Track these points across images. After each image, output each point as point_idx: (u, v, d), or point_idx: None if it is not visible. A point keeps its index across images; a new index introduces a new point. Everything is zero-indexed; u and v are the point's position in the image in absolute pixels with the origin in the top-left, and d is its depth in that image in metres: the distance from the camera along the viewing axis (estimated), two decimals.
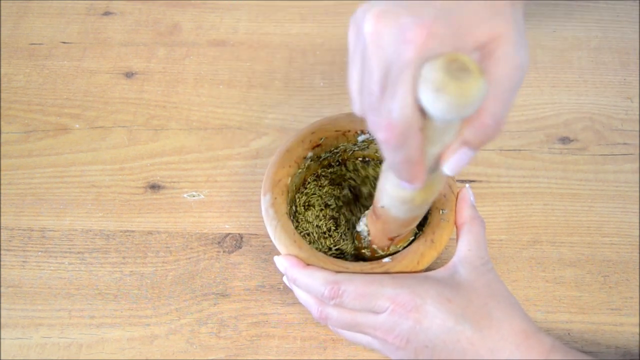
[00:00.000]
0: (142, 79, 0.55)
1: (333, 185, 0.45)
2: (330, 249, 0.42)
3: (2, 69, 0.56)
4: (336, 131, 0.41)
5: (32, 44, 0.58)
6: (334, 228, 0.43)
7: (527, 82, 0.54)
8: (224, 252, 0.45)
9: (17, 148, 0.51)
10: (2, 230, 0.47)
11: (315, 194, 0.44)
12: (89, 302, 0.43)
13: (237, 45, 0.58)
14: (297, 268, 0.35)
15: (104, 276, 0.45)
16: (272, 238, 0.37)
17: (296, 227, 0.42)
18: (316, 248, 0.40)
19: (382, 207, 0.33)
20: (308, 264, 0.36)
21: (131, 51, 0.57)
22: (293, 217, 0.42)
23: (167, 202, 0.48)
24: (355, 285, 0.33)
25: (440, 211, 0.37)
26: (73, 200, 0.48)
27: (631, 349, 0.41)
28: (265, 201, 0.39)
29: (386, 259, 0.36)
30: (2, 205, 0.48)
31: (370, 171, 0.44)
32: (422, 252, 0.36)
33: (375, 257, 0.38)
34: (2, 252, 0.46)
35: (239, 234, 0.46)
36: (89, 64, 0.57)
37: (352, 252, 0.42)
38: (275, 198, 0.38)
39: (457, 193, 0.38)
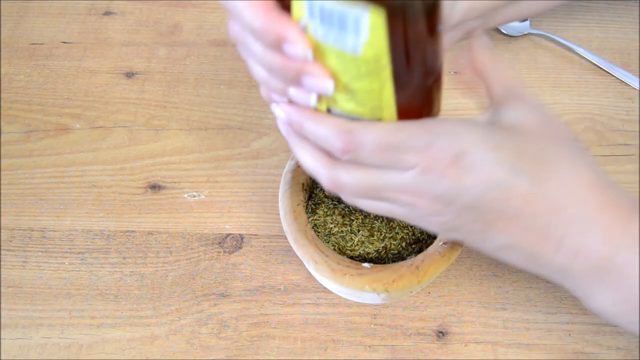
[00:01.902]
0: (142, 79, 0.55)
1: None
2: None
3: (2, 69, 0.56)
4: None
5: (33, 43, 0.58)
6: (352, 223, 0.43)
7: (528, 83, 0.54)
8: (224, 252, 0.45)
9: (18, 148, 0.51)
10: (2, 230, 0.47)
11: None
12: (89, 303, 0.43)
13: None
14: (305, 112, 0.28)
15: (105, 276, 0.44)
16: (279, 201, 0.39)
17: (315, 218, 0.42)
18: (336, 241, 0.41)
19: None
20: (295, 237, 0.35)
21: (132, 51, 0.57)
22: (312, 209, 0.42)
23: (167, 202, 0.48)
24: (375, 135, 0.26)
25: (441, 243, 0.36)
26: (73, 201, 0.48)
27: (632, 350, 0.41)
28: (288, 165, 0.40)
29: (366, 264, 0.36)
30: (2, 205, 0.48)
31: None
32: (402, 273, 0.35)
33: None
34: (3, 252, 0.46)
35: (239, 234, 0.46)
36: (90, 64, 0.57)
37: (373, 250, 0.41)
38: (299, 166, 0.39)
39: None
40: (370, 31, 0.23)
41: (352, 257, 0.40)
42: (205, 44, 0.58)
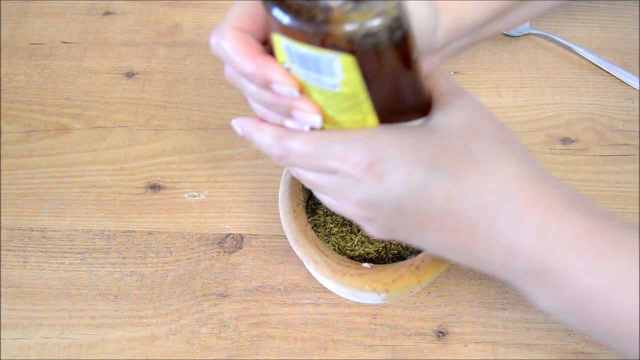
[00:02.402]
0: (142, 79, 0.55)
1: None
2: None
3: (2, 69, 0.56)
4: None
5: (33, 43, 0.58)
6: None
7: (528, 83, 0.54)
8: (224, 252, 0.45)
9: (18, 148, 0.51)
10: (2, 230, 0.47)
11: None
12: (89, 303, 0.43)
13: None
14: (252, 125, 0.30)
15: (105, 276, 0.44)
16: (279, 201, 0.39)
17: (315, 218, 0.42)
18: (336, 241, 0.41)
19: None
20: (295, 237, 0.36)
21: (132, 51, 0.57)
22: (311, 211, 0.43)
23: (167, 202, 0.48)
24: (301, 143, 0.28)
25: None
26: (73, 201, 0.48)
27: None
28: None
29: (366, 264, 0.36)
30: (2, 205, 0.48)
31: None
32: (402, 273, 0.35)
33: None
34: (3, 252, 0.46)
35: (239, 234, 0.46)
36: (90, 64, 0.57)
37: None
38: None
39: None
40: (343, 72, 0.24)
41: (352, 257, 0.40)
42: (205, 44, 0.58)
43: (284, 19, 0.23)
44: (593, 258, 0.24)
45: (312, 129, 0.29)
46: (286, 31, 0.23)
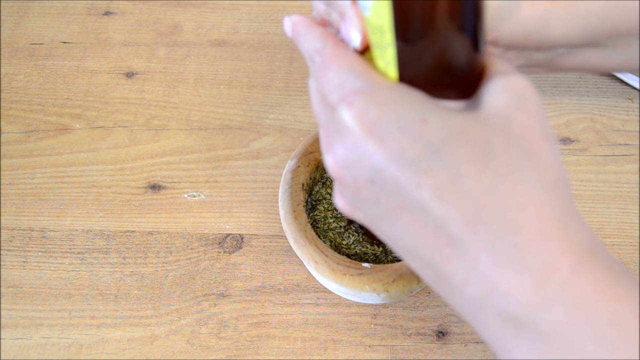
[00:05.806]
0: (142, 79, 0.55)
1: None
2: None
3: (2, 69, 0.56)
4: None
5: (33, 43, 0.58)
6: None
7: None
8: (224, 252, 0.45)
9: (18, 148, 0.51)
10: (2, 230, 0.47)
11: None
12: (89, 303, 0.43)
13: (238, 45, 0.58)
14: (302, 23, 0.26)
15: (105, 276, 0.44)
16: (279, 201, 0.39)
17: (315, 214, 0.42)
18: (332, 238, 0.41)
19: None
20: (295, 237, 0.36)
21: (132, 51, 0.57)
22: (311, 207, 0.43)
23: (167, 202, 0.48)
24: (328, 56, 0.23)
25: None
26: (73, 201, 0.48)
27: None
28: (288, 165, 0.40)
29: (366, 264, 0.36)
30: (2, 205, 0.48)
31: None
32: (402, 273, 0.35)
33: None
34: (3, 252, 0.46)
35: (239, 234, 0.46)
36: (90, 64, 0.57)
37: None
38: (299, 166, 0.39)
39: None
40: None
41: (348, 255, 0.40)
42: (205, 44, 0.58)
43: None
44: (605, 324, 0.18)
45: (359, 51, 0.24)
46: None
